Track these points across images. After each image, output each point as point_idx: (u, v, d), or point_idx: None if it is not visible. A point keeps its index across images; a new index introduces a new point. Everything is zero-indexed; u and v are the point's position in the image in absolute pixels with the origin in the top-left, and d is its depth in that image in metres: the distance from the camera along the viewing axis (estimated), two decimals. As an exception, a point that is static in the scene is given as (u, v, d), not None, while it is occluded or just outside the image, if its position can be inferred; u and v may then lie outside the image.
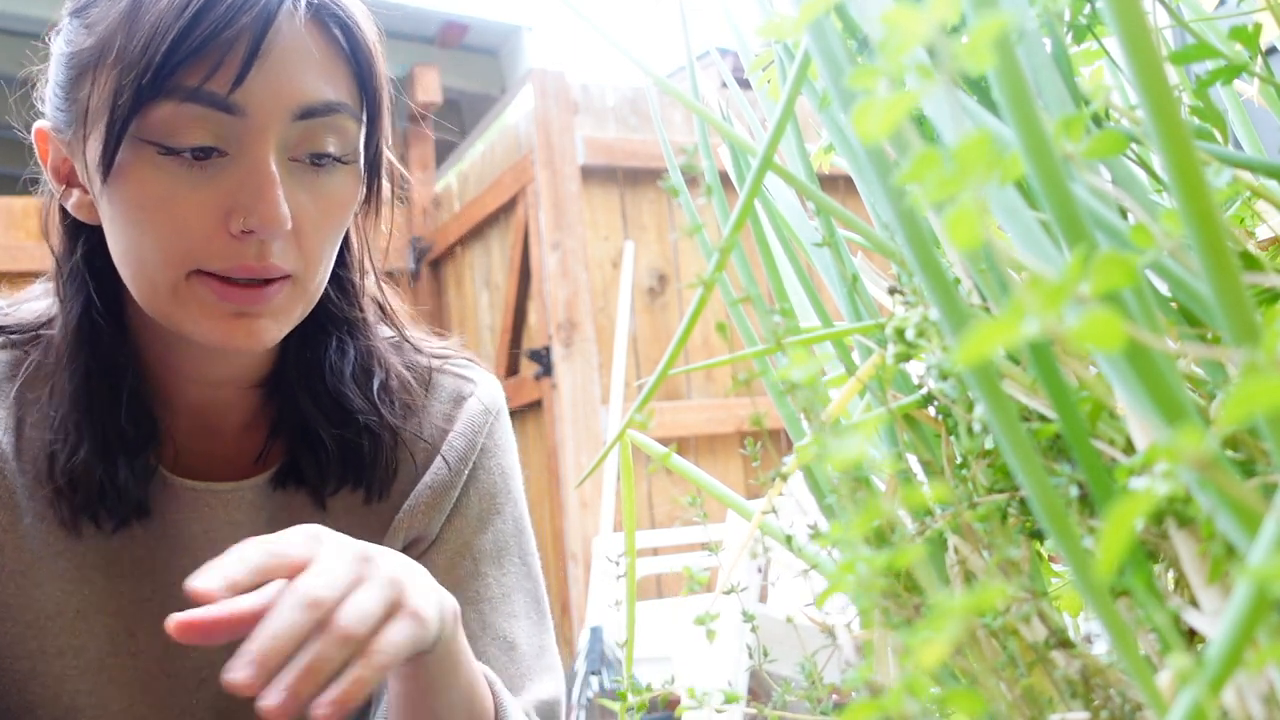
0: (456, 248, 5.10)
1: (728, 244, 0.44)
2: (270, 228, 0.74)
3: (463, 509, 0.93)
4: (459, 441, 0.93)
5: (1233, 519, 0.28)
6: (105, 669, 0.86)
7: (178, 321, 0.77)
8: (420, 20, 5.14)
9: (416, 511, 0.91)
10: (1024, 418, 0.41)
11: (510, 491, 0.97)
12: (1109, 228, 0.34)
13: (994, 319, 0.24)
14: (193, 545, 0.87)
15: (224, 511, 0.87)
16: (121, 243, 0.77)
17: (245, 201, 0.74)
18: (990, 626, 0.38)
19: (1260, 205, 0.50)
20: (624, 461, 0.56)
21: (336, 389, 0.87)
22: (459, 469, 0.93)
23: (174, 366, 0.85)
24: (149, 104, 0.73)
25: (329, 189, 0.79)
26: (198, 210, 0.74)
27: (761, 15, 0.50)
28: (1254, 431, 0.34)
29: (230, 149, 0.75)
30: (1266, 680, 0.28)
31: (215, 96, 0.72)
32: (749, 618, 0.57)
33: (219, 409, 0.88)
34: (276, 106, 0.74)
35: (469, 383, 0.96)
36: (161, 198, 0.74)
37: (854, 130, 0.28)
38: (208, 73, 0.72)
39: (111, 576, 0.86)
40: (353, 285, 0.90)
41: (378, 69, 0.81)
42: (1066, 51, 0.46)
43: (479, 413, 0.95)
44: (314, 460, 0.88)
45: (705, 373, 4.29)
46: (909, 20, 0.25)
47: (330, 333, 0.88)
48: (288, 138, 0.76)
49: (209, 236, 0.74)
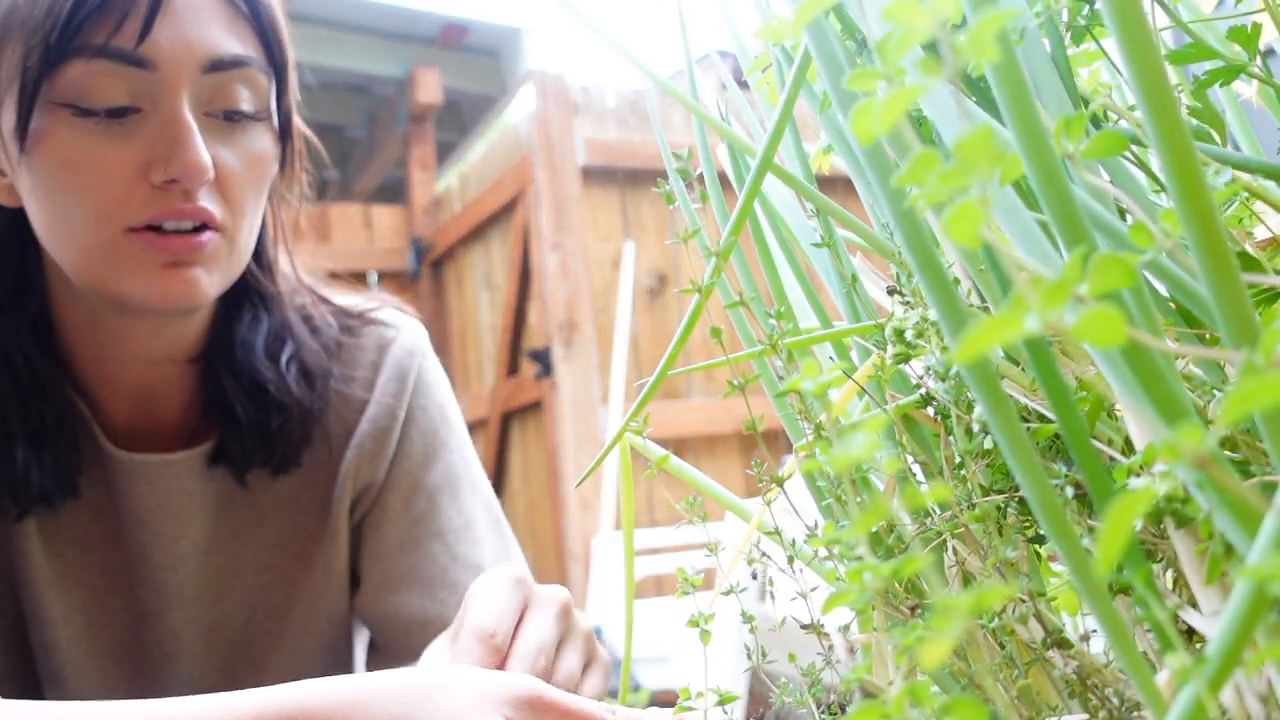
0: (457, 248, 5.10)
1: (727, 245, 0.45)
2: (191, 173, 0.75)
3: (406, 449, 0.95)
4: (389, 385, 0.95)
5: (1231, 518, 0.28)
6: (84, 639, 0.89)
7: (113, 283, 0.78)
8: (421, 21, 5.15)
9: (362, 458, 0.93)
10: (1023, 418, 0.41)
11: (451, 424, 0.99)
12: (1108, 228, 0.34)
13: (993, 318, 0.24)
14: (149, 517, 0.88)
15: (175, 481, 0.89)
16: (45, 211, 0.78)
17: (164, 152, 0.75)
18: (988, 626, 0.38)
19: (1258, 206, 0.50)
20: (623, 462, 0.56)
21: (248, 362, 0.88)
22: (394, 410, 0.94)
23: (110, 347, 0.86)
24: (59, 65, 0.74)
25: (245, 143, 0.81)
26: (118, 166, 0.75)
27: (759, 18, 0.50)
28: (1252, 431, 0.34)
29: (144, 105, 0.76)
30: (1265, 679, 0.28)
31: (123, 51, 0.74)
32: (748, 618, 0.57)
33: (159, 387, 0.89)
34: (186, 58, 0.76)
35: (389, 328, 0.98)
36: (81, 158, 0.75)
37: (853, 132, 0.28)
38: (113, 28, 0.73)
39: (81, 549, 0.88)
40: (265, 258, 0.92)
41: (280, 29, 0.83)
42: (1065, 52, 0.46)
43: (404, 354, 0.97)
44: (236, 439, 0.89)
45: (705, 373, 4.29)
46: (911, 15, 0.25)
47: (245, 307, 0.90)
48: (199, 91, 0.77)
49: (133, 190, 0.76)
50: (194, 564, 0.91)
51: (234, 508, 0.92)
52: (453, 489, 0.96)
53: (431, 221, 5.27)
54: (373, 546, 0.94)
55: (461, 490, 0.97)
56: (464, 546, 0.94)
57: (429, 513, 0.94)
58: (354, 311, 0.98)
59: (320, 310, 0.96)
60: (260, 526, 0.93)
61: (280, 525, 0.94)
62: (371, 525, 0.95)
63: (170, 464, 0.88)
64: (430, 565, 0.93)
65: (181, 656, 0.92)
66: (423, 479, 0.95)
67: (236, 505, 0.92)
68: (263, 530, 0.93)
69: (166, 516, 0.89)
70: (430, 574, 0.92)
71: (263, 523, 0.93)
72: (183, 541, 0.90)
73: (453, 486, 0.96)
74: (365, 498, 0.95)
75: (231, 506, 0.92)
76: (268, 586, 0.94)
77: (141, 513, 0.88)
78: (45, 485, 0.84)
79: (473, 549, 0.94)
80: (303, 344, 0.92)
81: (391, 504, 0.94)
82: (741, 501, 0.56)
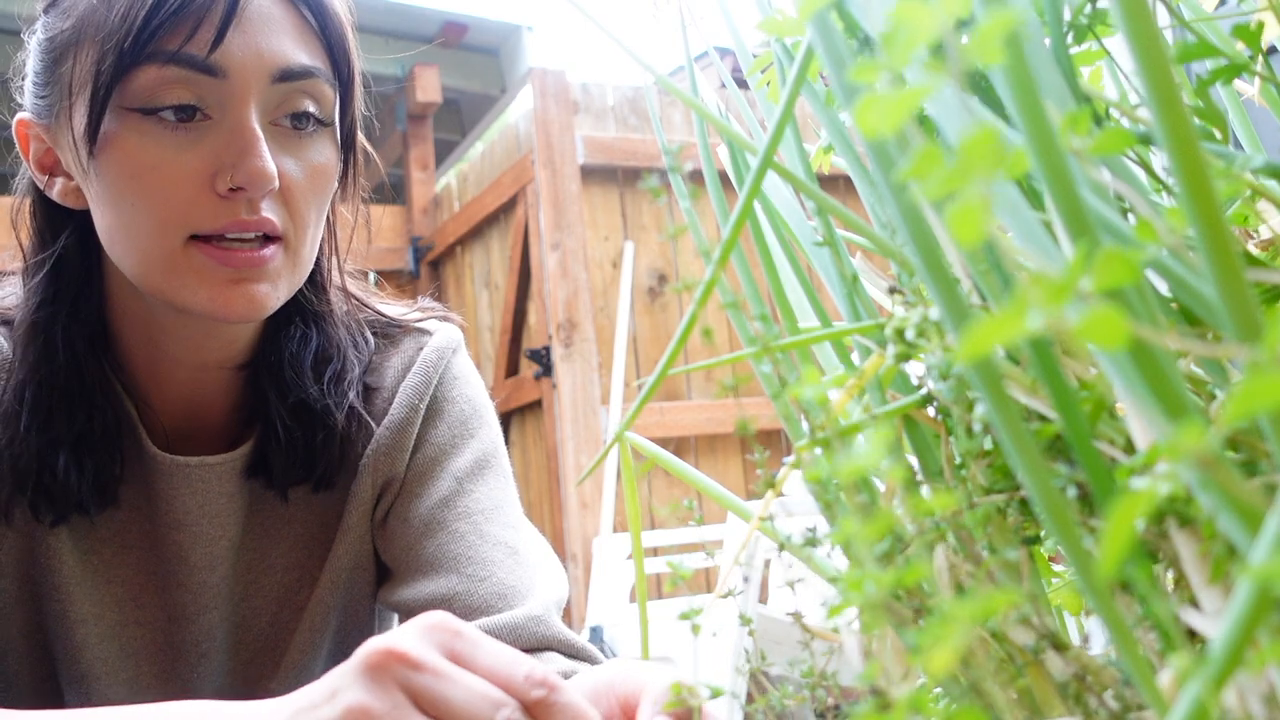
0: (456, 248, 5.09)
1: (727, 245, 0.44)
2: (257, 181, 0.75)
3: (432, 438, 0.94)
4: (413, 380, 0.94)
5: (1234, 519, 0.28)
6: (116, 637, 0.89)
7: (175, 293, 0.78)
8: (420, 20, 5.14)
9: (379, 453, 0.92)
10: (1024, 418, 0.40)
11: (482, 417, 0.97)
12: (1113, 227, 0.34)
13: (996, 316, 0.24)
14: (188, 519, 0.88)
15: (217, 484, 0.89)
16: (111, 217, 0.78)
17: (230, 160, 0.76)
18: (989, 629, 0.38)
19: (1261, 205, 0.49)
20: (624, 462, 0.56)
21: (296, 382, 0.88)
22: (414, 405, 0.93)
23: (163, 350, 0.86)
24: (131, 70, 0.75)
25: (310, 153, 0.81)
26: (185, 173, 0.76)
27: (760, 15, 0.50)
28: (1256, 431, 0.33)
29: (213, 113, 0.77)
30: (1267, 680, 0.28)
31: (195, 59, 0.75)
32: (745, 621, 0.57)
33: (207, 391, 0.89)
34: (256, 67, 0.76)
35: (425, 334, 0.98)
36: (149, 164, 0.76)
37: (857, 125, 0.28)
38: (187, 35, 0.74)
39: (119, 548, 0.88)
40: (321, 275, 0.92)
41: (347, 43, 0.83)
42: (1067, 51, 0.46)
43: (432, 351, 0.96)
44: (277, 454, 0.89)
45: (705, 373, 4.29)
46: (917, 16, 0.25)
47: (295, 322, 0.90)
48: (267, 100, 0.78)
49: (197, 198, 0.76)
50: (229, 564, 0.91)
51: (265, 506, 0.92)
52: (481, 473, 0.94)
53: (430, 221, 5.27)
54: (399, 537, 0.92)
55: (491, 476, 0.94)
56: (494, 526, 0.90)
57: (455, 494, 0.92)
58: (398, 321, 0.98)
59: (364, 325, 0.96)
60: (289, 525, 0.93)
61: (308, 524, 0.94)
62: (398, 516, 0.93)
63: (212, 466, 0.88)
64: (458, 543, 0.89)
65: (215, 656, 0.92)
66: (448, 465, 0.93)
67: (267, 503, 0.92)
68: (292, 529, 0.93)
69: (206, 518, 0.89)
70: (457, 551, 0.88)
71: (291, 521, 0.93)
72: (221, 542, 0.90)
73: (481, 471, 0.94)
74: (388, 493, 0.93)
75: (262, 504, 0.92)
76: (295, 586, 0.94)
77: (180, 514, 0.88)
78: (84, 493, 0.83)
79: (504, 530, 0.90)
80: (349, 363, 0.92)
81: (414, 490, 0.93)
82: (742, 502, 0.56)
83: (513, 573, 0.87)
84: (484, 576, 0.86)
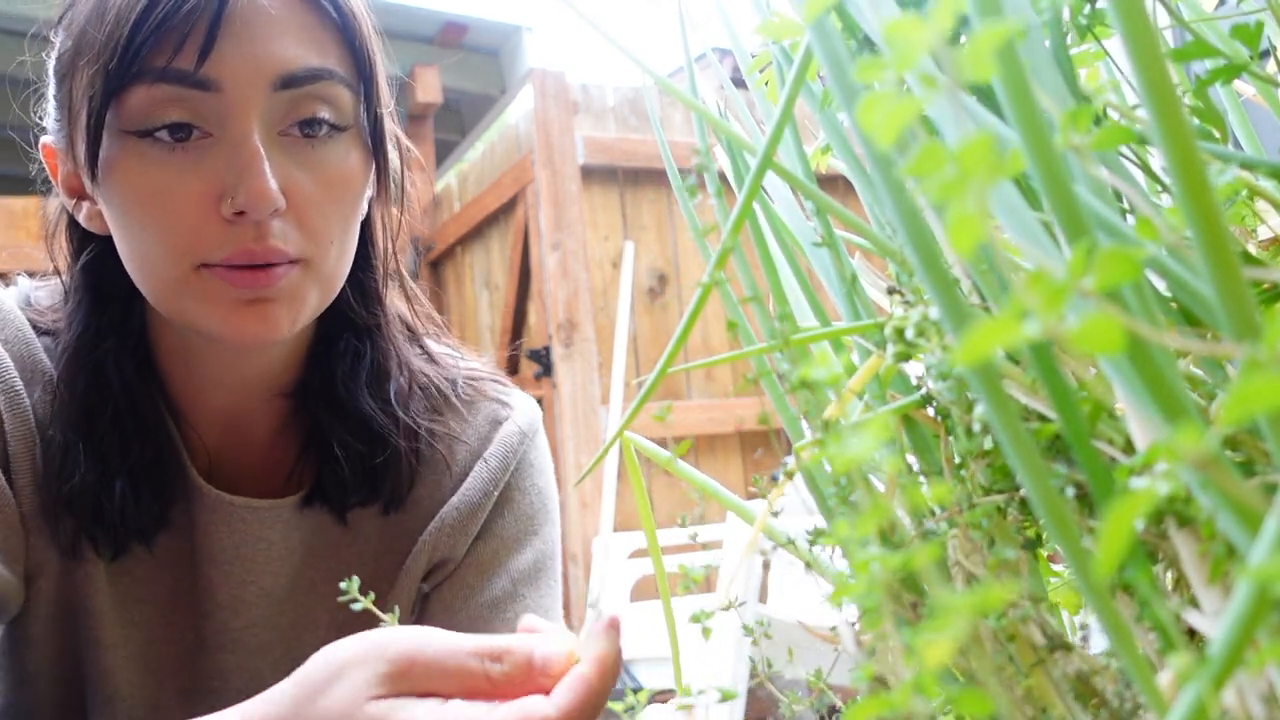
0: (456, 248, 5.10)
1: (726, 245, 0.44)
2: (258, 204, 0.70)
3: (496, 530, 0.91)
4: (492, 462, 0.91)
5: (1233, 519, 0.28)
6: (142, 656, 0.87)
7: (190, 317, 0.75)
8: (420, 20, 5.14)
9: (443, 532, 0.89)
10: (1023, 418, 0.40)
11: (549, 513, 0.95)
12: (1110, 226, 0.34)
13: (995, 318, 0.24)
14: (222, 558, 0.86)
15: (257, 528, 0.86)
16: (124, 243, 0.76)
17: (232, 181, 0.71)
18: (992, 627, 0.38)
19: (1260, 205, 0.50)
20: (626, 461, 0.56)
21: (350, 398, 0.84)
22: (489, 491, 0.90)
23: (197, 371, 0.83)
24: (122, 91, 0.71)
25: (326, 160, 0.75)
26: (188, 197, 0.72)
27: (759, 17, 0.50)
28: (1254, 431, 0.33)
29: (213, 129, 0.72)
30: (1267, 680, 0.28)
31: (184, 74, 0.70)
32: (749, 631, 0.57)
33: (246, 418, 0.86)
34: (253, 77, 0.71)
35: (505, 406, 0.94)
36: (152, 190, 0.72)
37: (858, 126, 0.28)
38: (173, 49, 0.69)
39: (154, 567, 0.86)
40: (374, 288, 0.86)
41: (366, 32, 0.77)
42: (1067, 51, 0.46)
43: (514, 434, 0.92)
44: (335, 476, 0.86)
45: (705, 372, 4.29)
46: (912, 30, 0.25)
47: (346, 339, 0.85)
48: (271, 111, 0.73)
49: (203, 224, 0.72)
50: (260, 613, 0.88)
51: (317, 559, 0.89)
52: (536, 579, 0.91)
53: (430, 221, 5.27)
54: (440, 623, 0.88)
55: (544, 581, 0.92)
56: None
57: (508, 598, 0.89)
58: (470, 377, 0.94)
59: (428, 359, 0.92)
60: (338, 579, 0.89)
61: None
62: (441, 600, 0.90)
63: (254, 509, 0.85)
64: None
65: (225, 697, 0.88)
66: (509, 563, 0.90)
67: (319, 557, 0.89)
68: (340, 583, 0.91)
69: (239, 560, 0.86)
70: None
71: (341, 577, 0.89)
72: (250, 587, 0.87)
73: (537, 576, 0.92)
74: (439, 571, 0.90)
75: (314, 558, 0.89)
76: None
77: (214, 550, 0.86)
78: (142, 522, 0.81)
79: None
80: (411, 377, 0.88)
81: (469, 581, 0.90)
82: (743, 502, 0.56)
83: None
84: None
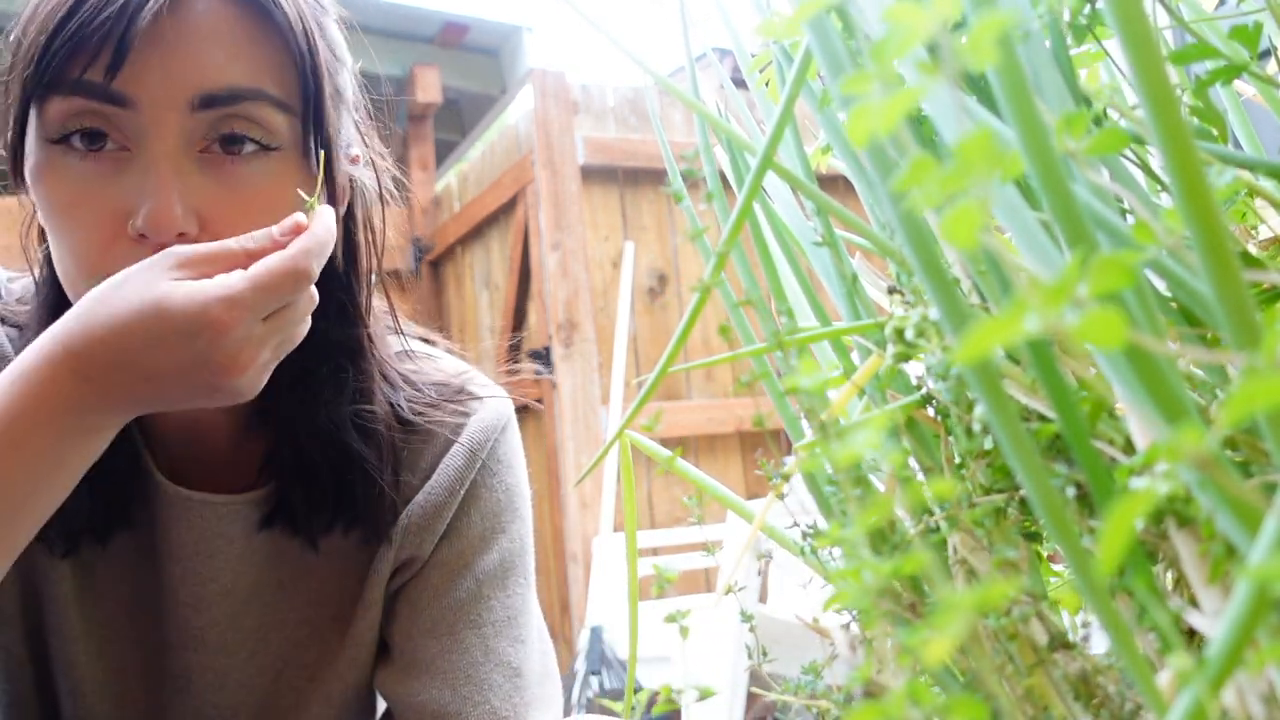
0: (456, 248, 5.10)
1: (726, 245, 0.44)
2: (157, 228, 0.68)
3: (463, 528, 0.89)
4: (457, 460, 0.89)
5: (1233, 519, 0.28)
6: (104, 656, 0.87)
7: None
8: (420, 20, 5.14)
9: (409, 531, 0.87)
10: (1023, 418, 0.40)
11: (516, 510, 0.93)
12: (1109, 227, 0.34)
13: (995, 317, 0.24)
14: (182, 554, 0.85)
15: (216, 524, 0.85)
16: (52, 250, 0.74)
17: (139, 202, 0.68)
18: (991, 627, 0.38)
19: (1259, 205, 0.50)
20: (624, 461, 0.56)
21: (336, 434, 0.82)
22: (454, 489, 0.88)
23: None
24: (42, 101, 0.70)
25: (250, 179, 0.71)
26: (101, 212, 0.69)
27: (759, 16, 0.50)
28: (1254, 431, 0.33)
29: (131, 145, 0.70)
30: (1266, 680, 0.28)
31: (95, 87, 0.68)
32: (747, 617, 0.57)
33: (207, 417, 0.84)
34: (170, 96, 0.68)
35: (474, 400, 0.93)
36: (69, 200, 0.70)
37: (849, 135, 0.28)
38: (86, 61, 0.67)
39: (120, 566, 0.86)
40: (354, 307, 0.84)
41: (312, 46, 0.73)
42: (1067, 52, 0.46)
43: (479, 430, 0.91)
44: (305, 496, 0.84)
45: (705, 373, 4.29)
46: (911, 17, 0.25)
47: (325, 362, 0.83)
48: (191, 129, 0.70)
49: (114, 241, 0.69)
50: (222, 611, 0.87)
51: (283, 558, 0.88)
52: (504, 579, 0.90)
53: (431, 221, 5.27)
54: (405, 623, 0.89)
55: (512, 581, 0.91)
56: (502, 642, 0.88)
57: (472, 600, 0.88)
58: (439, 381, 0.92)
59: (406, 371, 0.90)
60: (306, 579, 0.89)
61: (325, 582, 0.89)
62: (408, 600, 0.89)
63: (211, 505, 0.84)
64: (461, 656, 0.86)
65: (190, 695, 0.89)
66: (474, 562, 0.89)
67: (287, 556, 0.88)
68: (308, 583, 0.89)
69: (199, 556, 0.85)
70: (459, 665, 0.86)
71: (309, 576, 0.89)
72: (210, 585, 0.86)
73: (504, 575, 0.90)
74: (406, 569, 0.89)
75: (281, 557, 0.88)
76: (305, 643, 0.90)
77: (176, 547, 0.85)
78: (96, 519, 0.81)
79: (512, 647, 0.88)
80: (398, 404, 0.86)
81: (434, 581, 0.88)
82: (743, 502, 0.56)
83: (508, 700, 0.86)
84: (479, 701, 0.85)
